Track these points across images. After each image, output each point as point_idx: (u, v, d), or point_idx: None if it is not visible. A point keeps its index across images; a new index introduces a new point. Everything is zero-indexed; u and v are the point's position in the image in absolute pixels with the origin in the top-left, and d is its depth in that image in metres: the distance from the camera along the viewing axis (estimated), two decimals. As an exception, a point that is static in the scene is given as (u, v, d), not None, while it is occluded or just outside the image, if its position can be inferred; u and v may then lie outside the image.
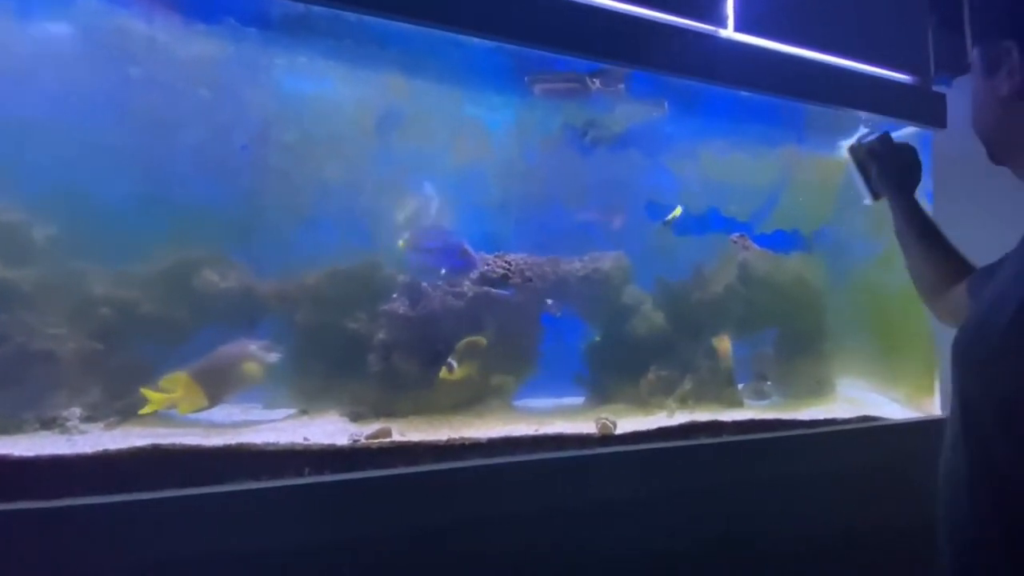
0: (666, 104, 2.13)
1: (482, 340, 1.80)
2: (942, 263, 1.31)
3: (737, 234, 2.33)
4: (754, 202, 2.36)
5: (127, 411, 1.46)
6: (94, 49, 1.55)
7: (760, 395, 2.30)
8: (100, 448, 1.24)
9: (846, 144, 1.65)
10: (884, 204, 1.52)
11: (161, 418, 1.50)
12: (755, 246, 2.31)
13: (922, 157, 1.51)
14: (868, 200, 1.60)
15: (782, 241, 2.39)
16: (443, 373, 1.71)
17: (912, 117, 2.19)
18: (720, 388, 2.10)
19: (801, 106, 2.09)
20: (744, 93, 1.96)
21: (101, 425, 1.43)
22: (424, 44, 1.67)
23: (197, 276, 1.67)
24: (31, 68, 1.54)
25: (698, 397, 2.05)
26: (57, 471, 1.19)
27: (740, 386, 2.24)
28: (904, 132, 2.36)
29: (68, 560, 1.09)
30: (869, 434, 1.99)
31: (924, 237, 1.37)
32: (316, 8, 1.45)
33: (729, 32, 1.89)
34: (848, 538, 1.80)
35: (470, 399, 1.85)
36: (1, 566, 1.06)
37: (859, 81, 2.08)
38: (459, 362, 1.72)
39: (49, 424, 1.38)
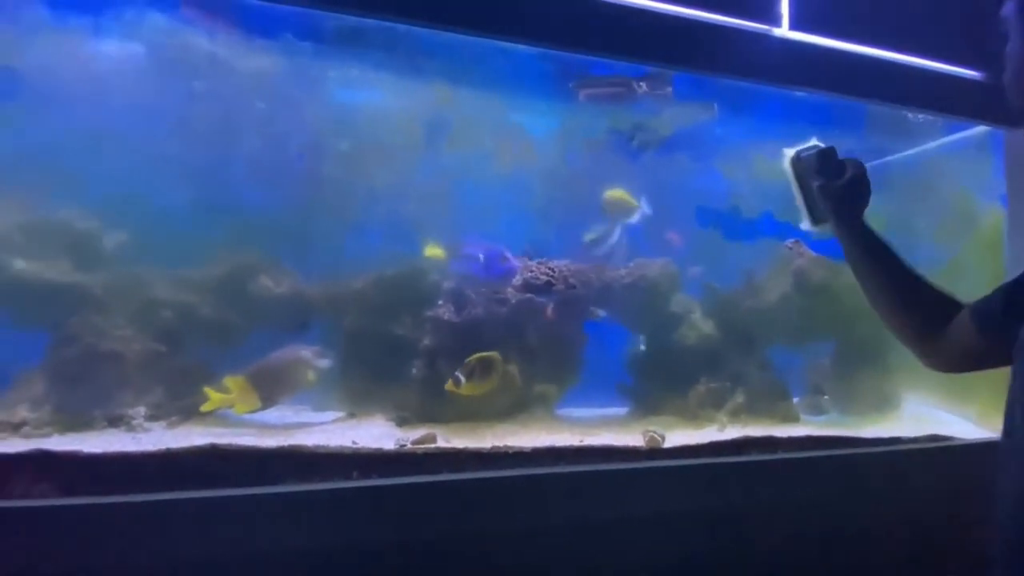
0: (715, 106, 2.08)
1: (496, 355, 1.73)
2: (922, 300, 1.10)
3: (792, 240, 2.23)
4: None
5: (187, 411, 1.52)
6: (160, 65, 1.64)
7: (817, 410, 2.18)
8: (163, 446, 1.29)
9: (788, 153, 1.36)
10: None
11: (218, 418, 1.55)
12: (811, 252, 2.21)
13: (993, 158, 1.38)
14: (806, 224, 1.33)
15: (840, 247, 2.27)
16: (449, 385, 1.65)
17: (982, 116, 2.06)
18: (774, 401, 2.01)
19: (860, 105, 1.99)
20: (799, 93, 1.89)
21: (164, 424, 1.49)
22: (471, 52, 1.69)
23: (253, 281, 1.73)
24: (104, 83, 1.64)
25: (751, 411, 1.97)
26: (123, 467, 1.25)
27: (795, 400, 2.14)
28: (974, 132, 2.22)
29: (132, 553, 1.13)
30: (938, 454, 1.86)
31: (891, 275, 1.14)
32: (368, 21, 1.49)
33: (784, 31, 1.84)
34: (915, 566, 1.68)
35: (513, 407, 1.84)
36: (72, 557, 1.11)
37: (924, 78, 1.97)
38: (468, 377, 1.66)
39: (116, 422, 1.46)
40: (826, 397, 2.21)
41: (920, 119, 2.10)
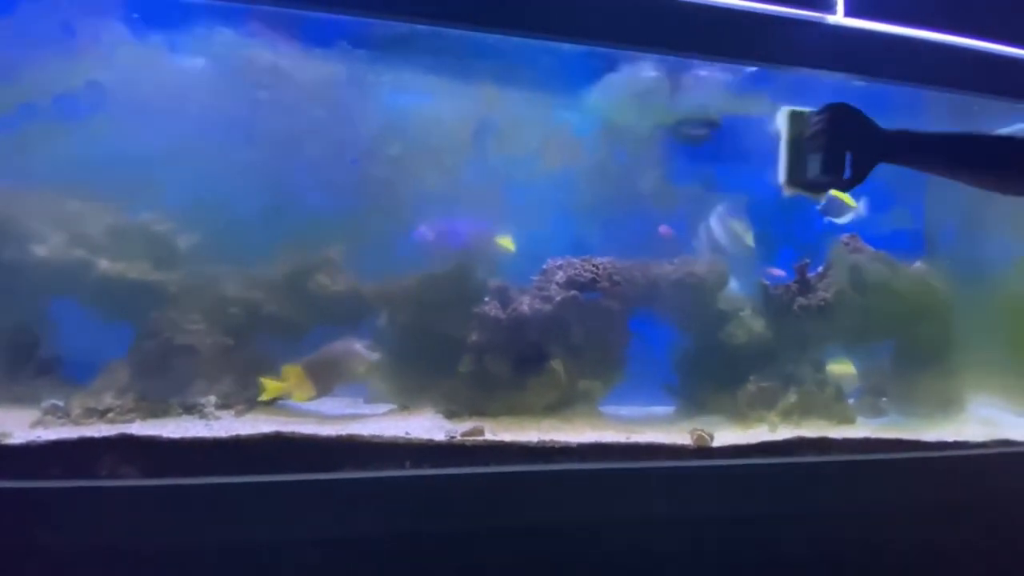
0: (767, 98, 2.02)
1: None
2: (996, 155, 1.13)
3: (847, 235, 2.15)
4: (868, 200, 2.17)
5: (254, 400, 1.63)
6: (229, 76, 1.75)
7: (876, 412, 2.10)
8: (233, 433, 1.39)
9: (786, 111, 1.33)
10: None
11: (280, 407, 1.65)
12: (869, 247, 2.12)
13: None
14: (782, 179, 1.32)
15: (901, 241, 2.17)
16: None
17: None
18: (829, 403, 1.95)
19: (919, 92, 1.90)
20: (854, 82, 1.82)
21: (232, 412, 1.60)
22: (517, 53, 1.72)
23: (311, 280, 1.83)
24: (177, 95, 1.76)
25: (804, 411, 1.91)
26: (197, 452, 1.35)
27: (851, 401, 2.06)
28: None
29: (207, 532, 1.22)
30: (1010, 460, 1.76)
31: (955, 158, 1.17)
32: (419, 26, 1.54)
33: (838, 18, 1.78)
34: (985, 578, 1.60)
35: (558, 403, 1.86)
36: (153, 535, 1.20)
37: (987, 62, 1.85)
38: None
39: (190, 410, 1.57)
40: (885, 399, 2.12)
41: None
